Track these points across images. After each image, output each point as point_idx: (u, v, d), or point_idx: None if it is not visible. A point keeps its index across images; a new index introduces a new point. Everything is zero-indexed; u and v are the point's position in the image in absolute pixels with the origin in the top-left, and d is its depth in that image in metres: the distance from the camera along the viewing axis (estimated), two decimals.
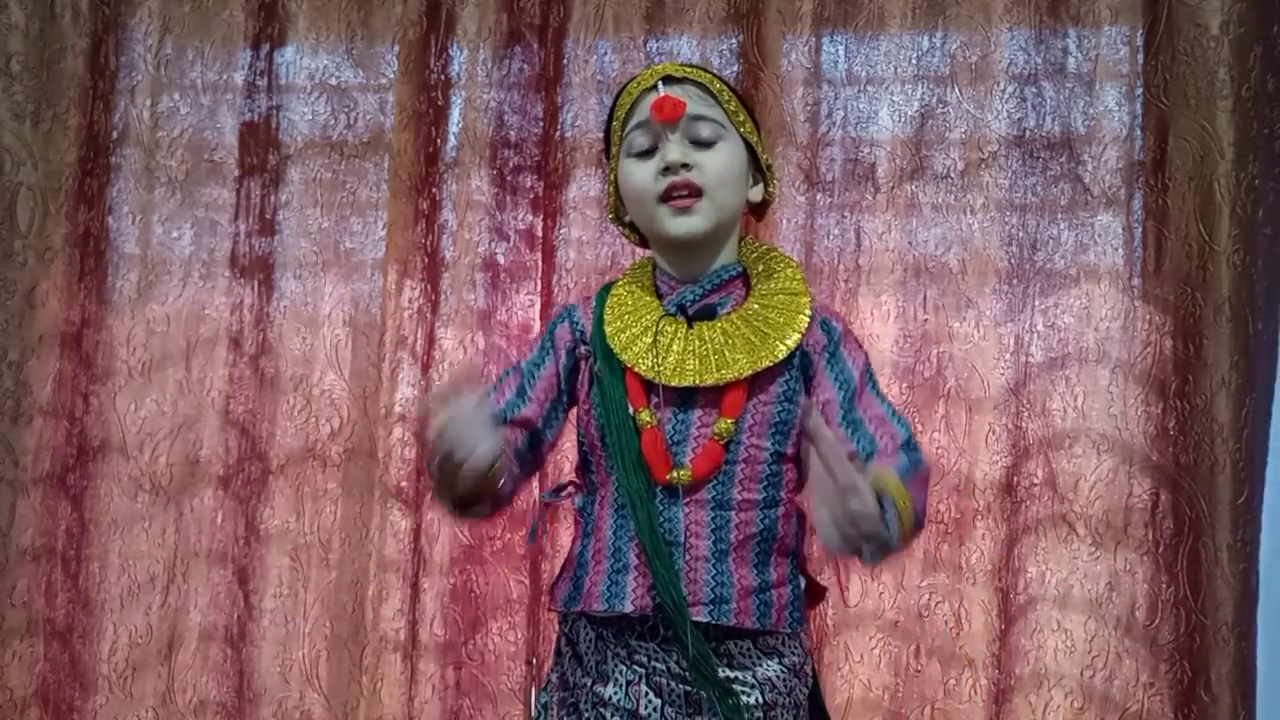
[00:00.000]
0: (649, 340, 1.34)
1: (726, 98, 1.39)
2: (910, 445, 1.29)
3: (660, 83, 1.37)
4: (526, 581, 2.06)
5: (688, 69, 1.40)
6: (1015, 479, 1.95)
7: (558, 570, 1.45)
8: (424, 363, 2.09)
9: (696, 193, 1.34)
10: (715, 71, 1.45)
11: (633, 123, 1.38)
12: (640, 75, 1.41)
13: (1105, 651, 1.92)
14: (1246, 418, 1.84)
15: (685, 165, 1.34)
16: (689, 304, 1.37)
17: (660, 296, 1.41)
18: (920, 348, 1.99)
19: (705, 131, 1.36)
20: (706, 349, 1.32)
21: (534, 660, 2.03)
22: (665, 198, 1.34)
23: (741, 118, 1.40)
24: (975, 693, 1.94)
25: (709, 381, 1.31)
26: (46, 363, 2.19)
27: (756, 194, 1.44)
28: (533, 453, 1.40)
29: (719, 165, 1.36)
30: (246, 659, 2.15)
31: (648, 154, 1.37)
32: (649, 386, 1.34)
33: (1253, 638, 1.83)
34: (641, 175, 1.36)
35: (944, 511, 1.97)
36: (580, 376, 1.41)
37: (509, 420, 1.36)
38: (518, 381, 1.40)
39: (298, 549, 2.15)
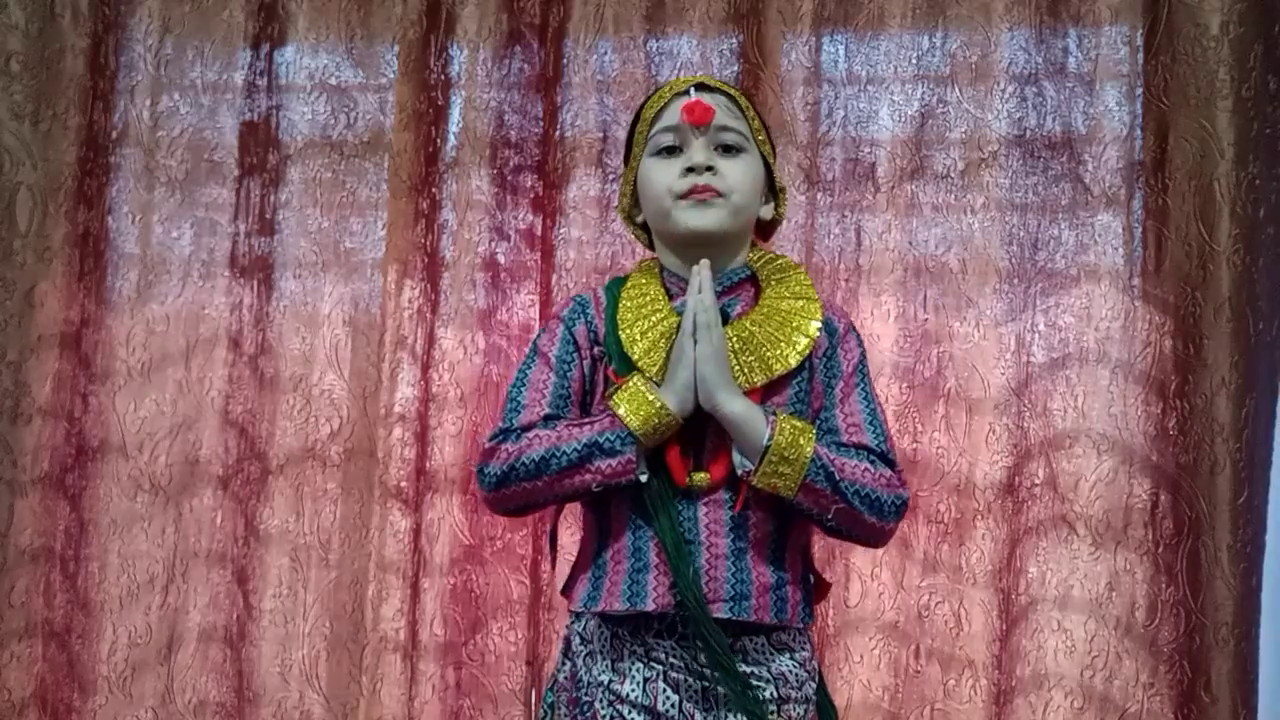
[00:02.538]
0: (666, 348, 1.37)
1: (752, 115, 1.44)
2: (876, 453, 1.35)
3: (693, 88, 1.41)
4: (526, 581, 2.06)
5: (720, 83, 1.45)
6: (1016, 479, 1.95)
7: (569, 570, 1.45)
8: (424, 363, 2.09)
9: (717, 194, 1.38)
10: (742, 90, 1.47)
11: (661, 124, 1.42)
12: (673, 81, 1.46)
13: (1105, 652, 1.92)
14: (1246, 418, 1.84)
15: (709, 168, 1.38)
16: None
17: (671, 298, 1.43)
18: (920, 348, 1.99)
19: (730, 139, 1.41)
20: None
21: (534, 660, 2.03)
22: (685, 195, 1.38)
23: (762, 137, 1.45)
24: (975, 693, 1.94)
25: None
26: (46, 363, 2.19)
27: (767, 212, 1.49)
28: None
29: (740, 173, 1.41)
30: (246, 659, 2.15)
31: (672, 155, 1.41)
32: None
33: (1253, 638, 1.83)
34: (664, 173, 1.41)
35: (944, 512, 1.97)
36: (596, 377, 1.43)
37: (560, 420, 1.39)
38: (554, 381, 1.41)
39: (297, 549, 2.15)
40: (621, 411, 1.31)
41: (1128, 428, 1.93)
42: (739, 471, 1.32)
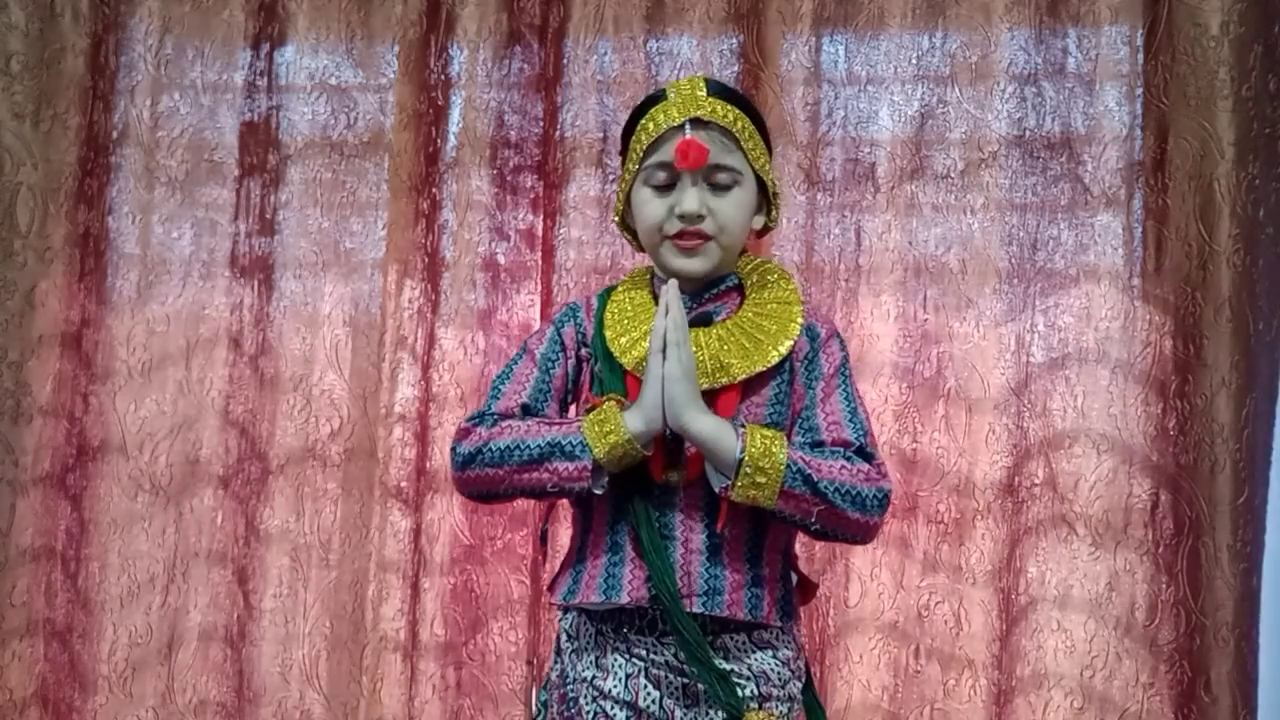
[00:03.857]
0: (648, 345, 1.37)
1: (747, 135, 1.41)
2: (856, 449, 1.35)
3: (688, 125, 1.39)
4: (526, 581, 2.06)
5: (715, 106, 1.40)
6: (1015, 479, 1.95)
7: (558, 567, 1.46)
8: (424, 363, 2.09)
9: (704, 238, 1.39)
10: (739, 98, 1.45)
11: (655, 158, 1.41)
12: (668, 102, 1.41)
13: (1105, 652, 1.92)
14: (1246, 418, 1.84)
15: (699, 216, 1.38)
16: (687, 310, 1.40)
17: (658, 302, 1.43)
18: (920, 348, 1.99)
19: (723, 178, 1.40)
20: (703, 354, 1.37)
21: (534, 660, 2.04)
22: (673, 236, 1.40)
23: (758, 153, 1.43)
24: (975, 693, 1.94)
25: (704, 385, 1.35)
26: (46, 363, 2.19)
27: (759, 222, 1.49)
28: None
29: (730, 213, 1.41)
30: (246, 659, 2.15)
31: (664, 190, 1.41)
32: None
33: (1253, 638, 1.83)
34: (656, 211, 1.41)
35: (944, 512, 1.97)
36: (581, 378, 1.45)
37: (537, 416, 1.41)
38: (536, 375, 1.43)
39: (298, 549, 2.15)
40: (588, 433, 1.32)
41: (1128, 428, 1.93)
42: (716, 489, 1.32)
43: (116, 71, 2.25)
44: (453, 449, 1.39)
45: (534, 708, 1.46)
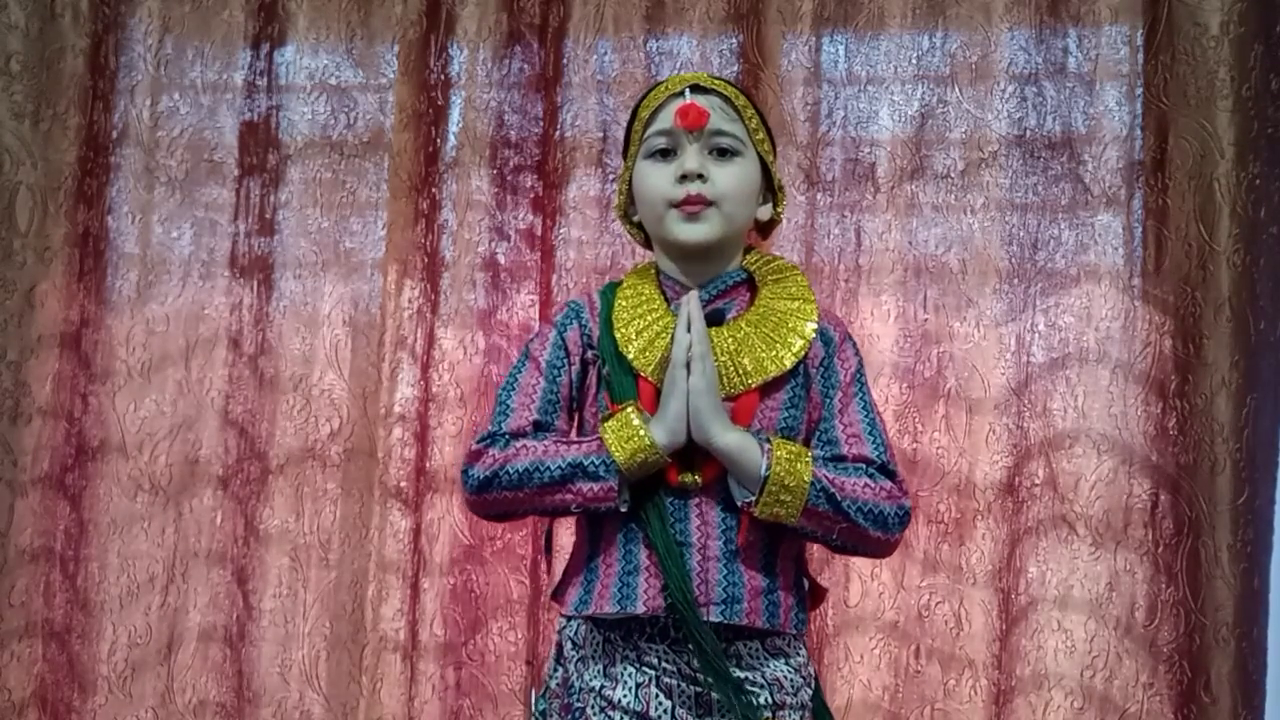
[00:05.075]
0: (662, 349, 1.36)
1: (749, 115, 1.42)
2: (877, 466, 1.35)
3: (688, 90, 1.40)
4: (526, 581, 2.06)
5: (715, 81, 1.43)
6: (1016, 479, 1.95)
7: (561, 572, 1.45)
8: (424, 363, 2.09)
9: (707, 204, 1.37)
10: (740, 86, 1.46)
11: (655, 127, 1.41)
12: (669, 80, 1.44)
13: (1105, 652, 1.92)
14: (1246, 418, 1.84)
15: (701, 176, 1.37)
16: None
17: (666, 300, 1.43)
18: (920, 348, 1.99)
19: (724, 142, 1.39)
20: (722, 359, 1.36)
21: (534, 660, 2.03)
22: (677, 204, 1.38)
23: (760, 136, 1.43)
24: (975, 693, 1.94)
25: (723, 392, 1.34)
26: (46, 363, 2.19)
27: (765, 213, 1.48)
28: None
29: (732, 180, 1.39)
30: (246, 659, 2.15)
31: (666, 159, 1.40)
32: (660, 392, 1.35)
33: (1253, 638, 1.83)
34: (657, 178, 1.40)
35: (944, 512, 1.97)
36: (586, 381, 1.42)
37: (549, 430, 1.40)
38: (544, 386, 1.41)
39: (297, 549, 2.15)
40: (609, 440, 1.31)
41: (1128, 428, 1.93)
42: (739, 503, 1.31)
43: (116, 71, 2.24)
44: (465, 471, 1.36)
45: (532, 714, 1.44)
